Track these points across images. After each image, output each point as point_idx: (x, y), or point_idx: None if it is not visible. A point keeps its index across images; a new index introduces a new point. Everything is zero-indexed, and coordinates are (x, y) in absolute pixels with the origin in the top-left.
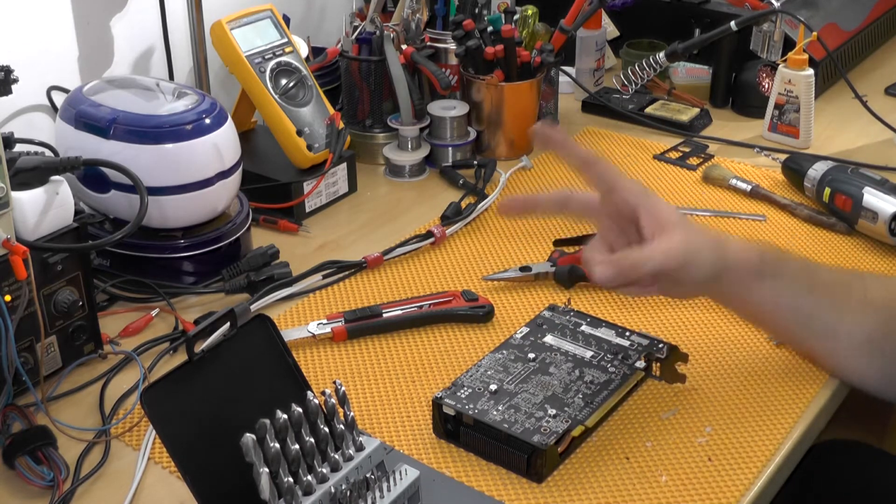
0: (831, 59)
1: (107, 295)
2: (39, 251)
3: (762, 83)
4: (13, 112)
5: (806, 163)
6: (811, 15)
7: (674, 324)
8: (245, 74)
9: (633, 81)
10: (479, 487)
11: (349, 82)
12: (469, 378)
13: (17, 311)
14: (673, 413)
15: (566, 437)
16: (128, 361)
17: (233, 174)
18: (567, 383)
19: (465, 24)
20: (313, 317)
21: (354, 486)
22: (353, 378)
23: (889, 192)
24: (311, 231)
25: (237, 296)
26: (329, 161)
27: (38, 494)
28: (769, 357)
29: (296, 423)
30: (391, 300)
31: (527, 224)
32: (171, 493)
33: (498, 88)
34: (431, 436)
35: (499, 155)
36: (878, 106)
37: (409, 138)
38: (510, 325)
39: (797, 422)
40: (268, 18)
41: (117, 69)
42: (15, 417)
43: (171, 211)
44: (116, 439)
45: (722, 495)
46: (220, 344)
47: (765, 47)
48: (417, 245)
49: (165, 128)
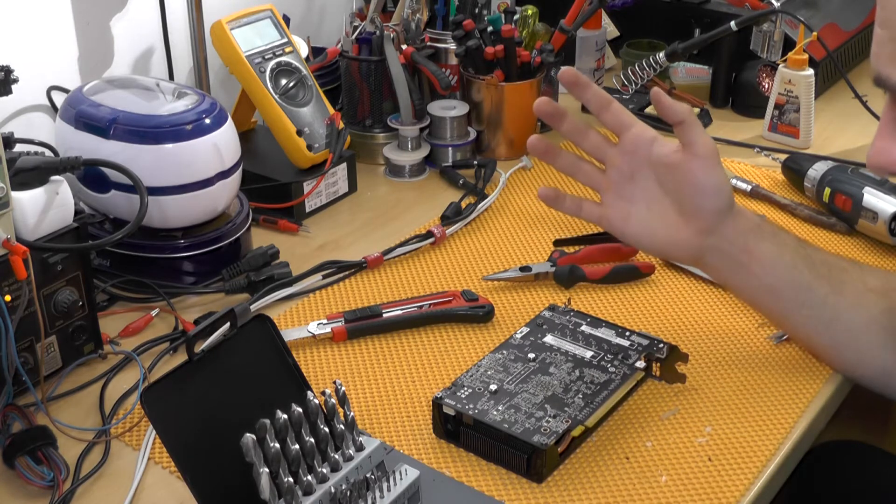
0: (831, 59)
1: (107, 295)
2: (39, 251)
3: (762, 83)
4: (13, 112)
5: (806, 163)
6: (811, 15)
7: (674, 324)
8: (245, 74)
9: (633, 81)
10: (479, 487)
11: (349, 82)
12: (469, 378)
13: (17, 311)
14: (673, 413)
15: (566, 437)
16: (128, 361)
17: (233, 174)
18: (567, 383)
19: (465, 24)
20: (313, 317)
21: (354, 486)
22: (353, 378)
23: (889, 192)
24: (311, 231)
25: (237, 296)
26: (329, 161)
27: (38, 494)
28: (769, 357)
29: (296, 423)
30: (391, 300)
31: (527, 224)
32: (171, 493)
33: (498, 88)
34: (431, 436)
35: (499, 155)
36: (878, 106)
37: (409, 138)
38: (510, 325)
39: (797, 422)
40: (268, 18)
41: (117, 69)
42: (15, 417)
43: (171, 211)
44: (116, 439)
45: (722, 495)
46: (220, 344)
47: (765, 47)
48: (417, 245)
49: (165, 128)
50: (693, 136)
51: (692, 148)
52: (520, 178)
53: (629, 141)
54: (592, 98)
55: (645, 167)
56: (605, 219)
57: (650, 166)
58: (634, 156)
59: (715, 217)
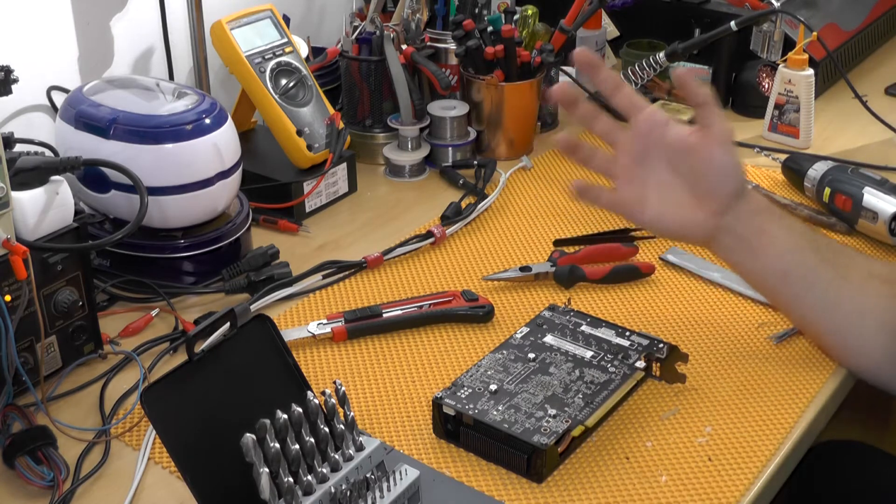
0: (831, 59)
1: (107, 295)
2: (39, 251)
3: (762, 83)
4: (13, 112)
5: (806, 163)
6: (811, 15)
7: (674, 324)
8: (245, 74)
9: (633, 81)
10: (479, 487)
11: (349, 82)
12: (469, 378)
13: (17, 311)
14: (673, 413)
15: (566, 437)
16: (128, 361)
17: (233, 174)
18: (567, 383)
19: (465, 24)
20: (313, 317)
21: (354, 486)
22: (353, 378)
23: (889, 192)
24: (311, 231)
25: (237, 296)
26: (329, 161)
27: (38, 494)
28: (769, 357)
29: (296, 423)
30: (391, 300)
31: (527, 224)
32: (171, 493)
33: (498, 88)
34: (431, 436)
35: (499, 155)
36: (878, 106)
37: (409, 138)
38: (510, 325)
39: (797, 421)
40: (268, 18)
41: (117, 69)
42: (15, 417)
43: (171, 211)
44: (116, 439)
45: (722, 495)
46: (220, 344)
47: (765, 47)
48: (417, 245)
49: (165, 128)
50: (713, 117)
51: (711, 129)
52: (520, 178)
53: (643, 121)
54: (606, 79)
55: (656, 149)
56: (619, 204)
57: (663, 148)
58: (647, 137)
59: (729, 198)
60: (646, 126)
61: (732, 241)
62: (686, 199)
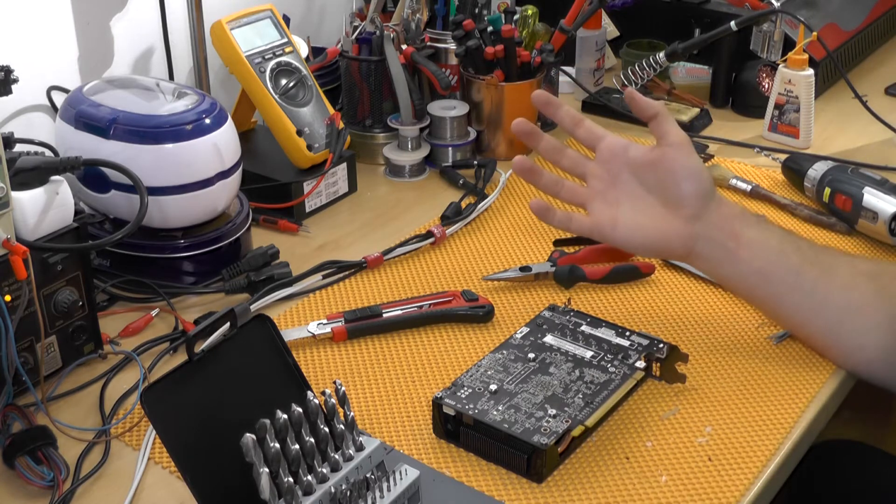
0: (831, 59)
1: (107, 295)
2: (39, 251)
3: (762, 83)
4: (13, 112)
5: (806, 163)
6: (811, 15)
7: (674, 324)
8: (245, 74)
9: (633, 81)
10: (479, 487)
11: (349, 82)
12: (469, 378)
13: (17, 311)
14: (673, 413)
15: (566, 437)
16: (128, 361)
17: (233, 174)
18: (567, 383)
19: (465, 24)
20: (313, 317)
21: (354, 486)
22: (353, 378)
23: (889, 192)
24: (311, 231)
25: (237, 296)
26: (329, 161)
27: (38, 494)
28: (769, 357)
29: (296, 423)
30: (391, 300)
31: (527, 224)
32: (171, 493)
33: (498, 88)
34: (431, 436)
35: (499, 155)
36: (878, 106)
37: (409, 138)
38: (510, 325)
39: (797, 421)
40: (268, 18)
41: (117, 69)
42: (15, 417)
43: (171, 211)
44: (116, 439)
45: (722, 495)
46: (220, 344)
47: (765, 47)
48: (417, 245)
49: (165, 128)
50: (667, 127)
51: (667, 138)
52: (520, 179)
53: (605, 149)
54: (565, 116)
55: (624, 171)
56: (595, 227)
57: (629, 169)
58: (612, 163)
59: (699, 201)
60: (608, 153)
61: (709, 248)
62: (658, 210)
